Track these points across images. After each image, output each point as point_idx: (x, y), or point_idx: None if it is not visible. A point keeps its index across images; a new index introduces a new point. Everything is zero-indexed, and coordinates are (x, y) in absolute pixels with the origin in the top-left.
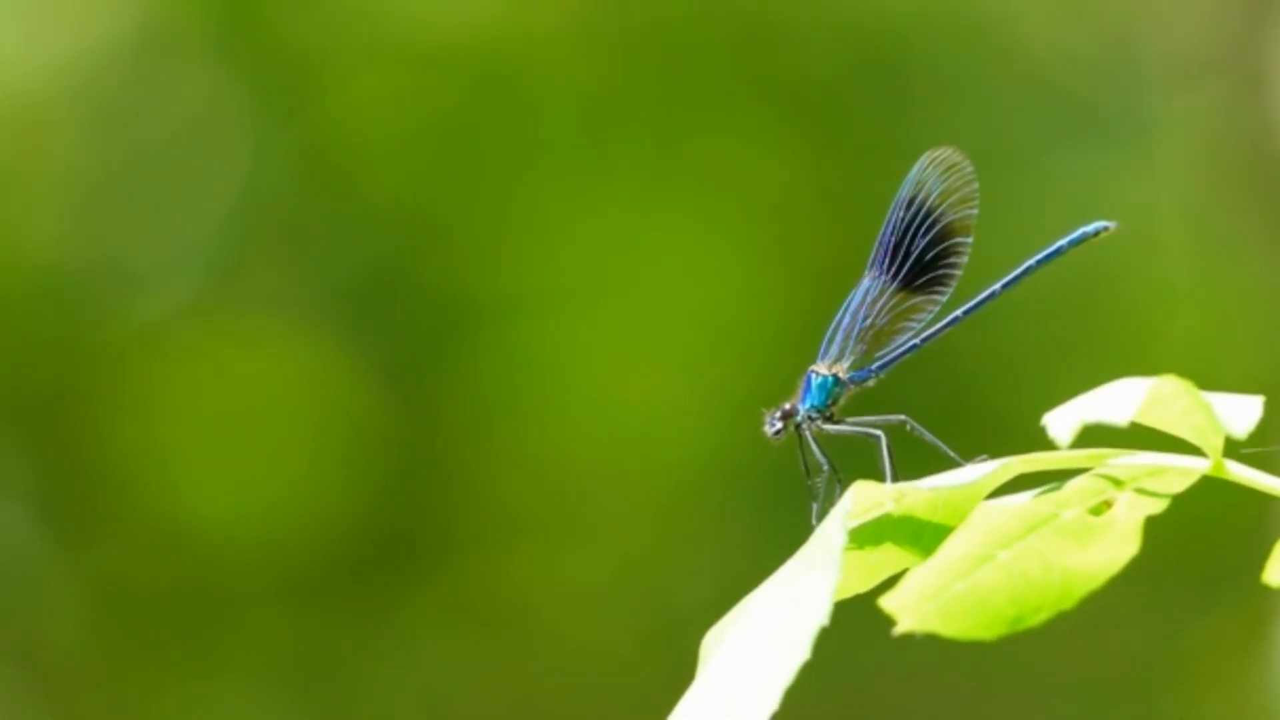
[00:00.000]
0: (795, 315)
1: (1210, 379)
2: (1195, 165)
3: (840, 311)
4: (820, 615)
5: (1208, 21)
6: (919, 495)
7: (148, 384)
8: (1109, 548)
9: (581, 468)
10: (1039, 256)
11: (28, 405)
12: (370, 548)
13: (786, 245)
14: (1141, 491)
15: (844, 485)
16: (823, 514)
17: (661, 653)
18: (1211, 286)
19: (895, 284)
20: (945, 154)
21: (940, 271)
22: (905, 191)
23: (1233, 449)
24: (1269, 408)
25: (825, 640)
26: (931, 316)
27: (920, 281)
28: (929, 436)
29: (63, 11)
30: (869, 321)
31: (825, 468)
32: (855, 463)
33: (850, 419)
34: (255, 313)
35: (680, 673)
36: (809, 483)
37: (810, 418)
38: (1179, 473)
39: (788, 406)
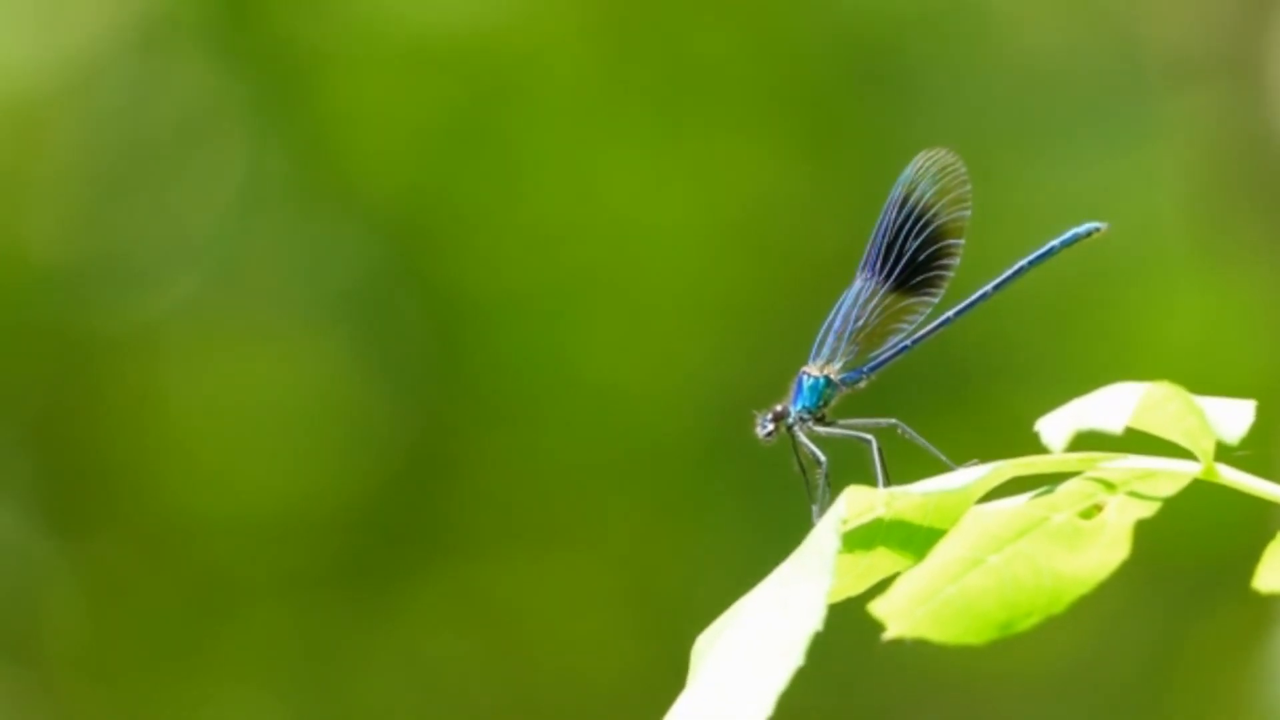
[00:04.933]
0: (797, 312)
1: (1210, 379)
2: (1195, 166)
3: (831, 313)
4: (814, 621)
5: (1208, 21)
6: (910, 499)
7: (148, 382)
8: (1099, 552)
9: (581, 467)
10: (1030, 258)
11: (27, 402)
12: (370, 547)
13: (785, 242)
14: (1133, 495)
15: (835, 484)
16: (823, 514)
17: (661, 652)
18: (1211, 287)
19: (887, 285)
20: (939, 155)
21: (932, 273)
22: (898, 192)
23: (1227, 452)
24: (1269, 406)
25: (817, 642)
26: (923, 318)
27: (912, 283)
28: (920, 440)
29: (62, 9)
30: (860, 323)
31: (821, 463)
32: (847, 465)
33: (842, 421)
34: (255, 310)
35: (680, 672)
36: (806, 481)
37: (801, 419)
38: (1170, 476)
39: (779, 408)
